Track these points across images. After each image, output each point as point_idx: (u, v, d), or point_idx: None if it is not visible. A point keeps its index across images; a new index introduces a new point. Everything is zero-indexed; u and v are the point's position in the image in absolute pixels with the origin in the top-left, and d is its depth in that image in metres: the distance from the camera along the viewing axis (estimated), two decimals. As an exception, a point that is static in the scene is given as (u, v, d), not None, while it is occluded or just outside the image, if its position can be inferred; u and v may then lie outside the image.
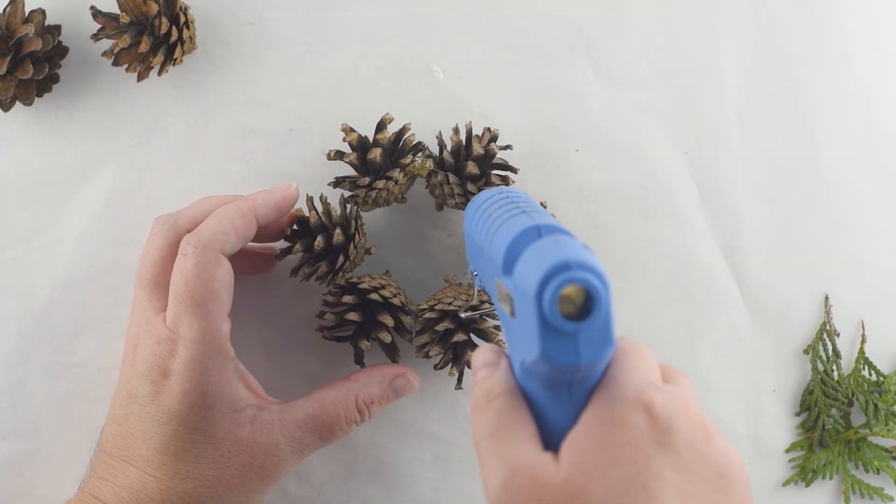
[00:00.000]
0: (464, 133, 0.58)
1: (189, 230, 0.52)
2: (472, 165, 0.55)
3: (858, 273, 0.62)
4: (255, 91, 0.60)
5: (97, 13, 0.56)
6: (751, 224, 0.62)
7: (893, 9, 0.63)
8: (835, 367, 0.62)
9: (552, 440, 0.38)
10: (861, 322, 0.63)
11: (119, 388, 0.52)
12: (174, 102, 0.60)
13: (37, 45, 0.55)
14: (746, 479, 0.39)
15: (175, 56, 0.57)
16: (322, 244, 0.54)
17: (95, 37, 0.56)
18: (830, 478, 0.62)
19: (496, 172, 0.56)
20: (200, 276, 0.49)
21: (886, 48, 0.63)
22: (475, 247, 0.49)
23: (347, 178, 0.56)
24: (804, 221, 0.62)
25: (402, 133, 0.56)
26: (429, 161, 0.56)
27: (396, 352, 0.57)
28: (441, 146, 0.57)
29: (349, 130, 0.56)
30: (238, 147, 0.60)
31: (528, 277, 0.37)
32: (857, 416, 0.63)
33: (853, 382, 0.62)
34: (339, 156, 0.56)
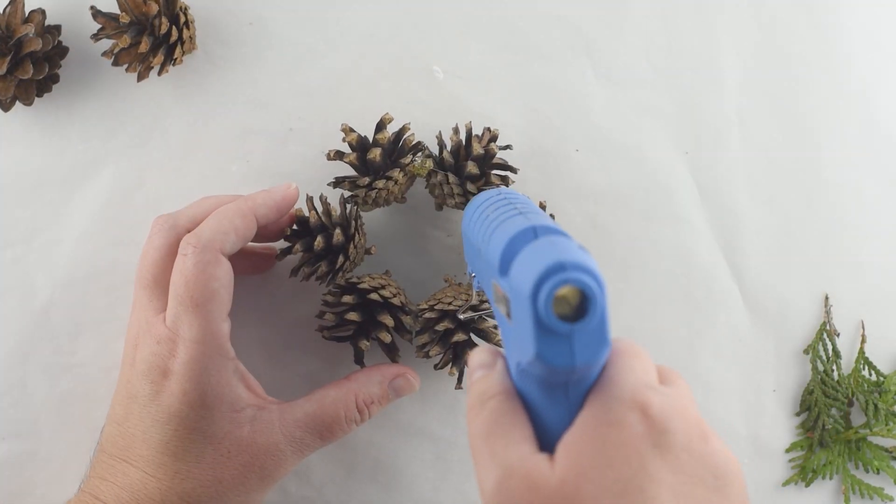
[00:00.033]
0: (464, 133, 0.58)
1: (189, 230, 0.52)
2: (472, 165, 0.55)
3: (858, 273, 0.62)
4: (255, 91, 0.60)
5: (97, 13, 0.56)
6: (751, 224, 0.62)
7: (893, 9, 0.63)
8: (835, 367, 0.62)
9: (548, 441, 0.38)
10: (861, 322, 0.63)
11: (119, 388, 0.52)
12: (174, 102, 0.60)
13: (37, 45, 0.55)
14: (743, 480, 0.38)
15: (175, 56, 0.57)
16: (322, 244, 0.54)
17: (95, 37, 0.56)
18: (830, 478, 0.62)
19: (496, 172, 0.56)
20: (200, 276, 0.49)
21: (886, 48, 0.63)
22: (473, 248, 0.49)
23: (347, 178, 0.56)
24: (804, 221, 0.62)
25: (402, 133, 0.56)
26: (428, 161, 0.56)
27: (396, 352, 0.57)
28: (441, 146, 0.57)
29: (349, 130, 0.56)
30: (238, 147, 0.60)
31: (524, 278, 0.37)
32: (857, 416, 0.63)
33: (853, 382, 0.62)
34: (339, 156, 0.56)
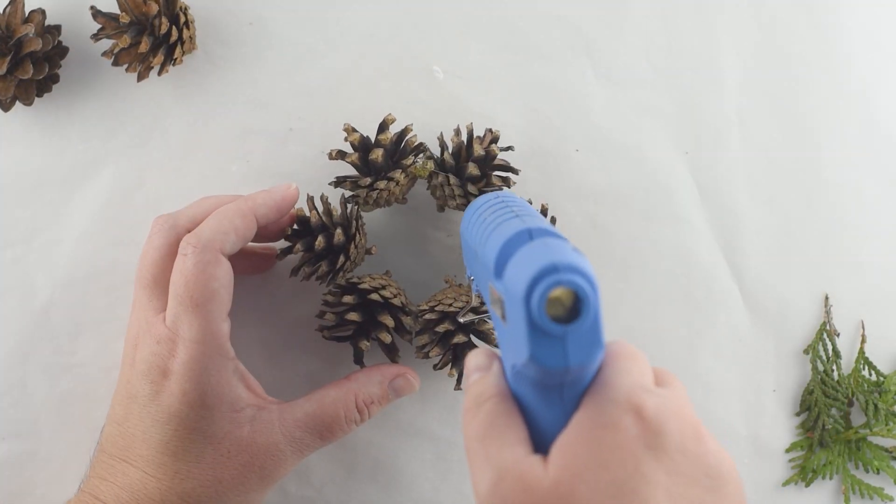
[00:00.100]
0: (465, 134, 0.58)
1: (189, 230, 0.52)
2: (473, 167, 0.55)
3: (858, 273, 0.62)
4: (255, 91, 0.60)
5: (97, 13, 0.56)
6: (751, 224, 0.62)
7: (893, 9, 0.63)
8: (835, 367, 0.62)
9: (544, 443, 0.38)
10: (861, 322, 0.63)
11: (119, 388, 0.52)
12: (174, 102, 0.60)
13: (37, 45, 0.55)
14: (739, 481, 0.38)
15: (175, 56, 0.57)
16: (323, 244, 0.54)
17: (95, 37, 0.56)
18: (830, 478, 0.62)
19: (497, 174, 0.56)
20: (200, 276, 0.49)
21: (886, 48, 0.63)
22: (470, 251, 0.49)
23: (348, 178, 0.56)
24: (804, 221, 0.62)
25: (404, 134, 0.56)
26: (430, 162, 0.56)
27: (396, 352, 0.57)
28: (442, 147, 0.57)
29: (351, 130, 0.56)
30: (238, 147, 0.60)
31: (518, 280, 0.37)
32: (857, 416, 0.63)
33: (853, 382, 0.62)
34: (341, 156, 0.56)
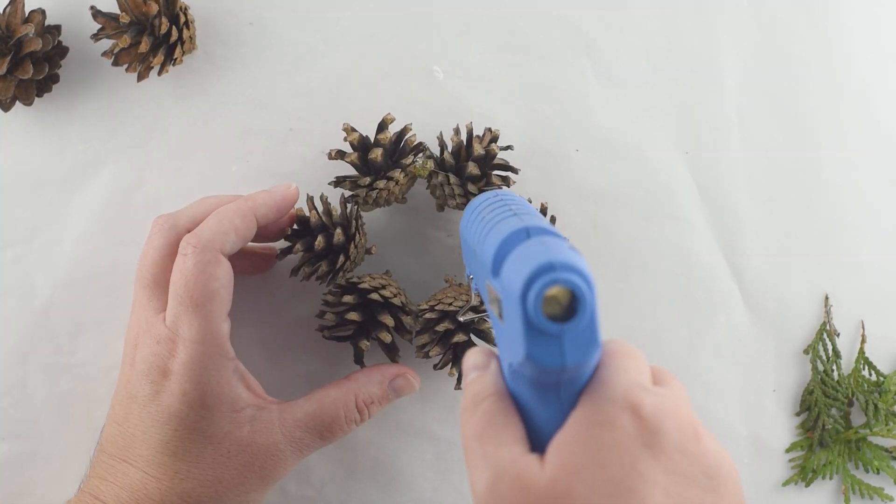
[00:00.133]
0: (464, 134, 0.58)
1: (189, 230, 0.52)
2: (473, 166, 0.55)
3: (858, 273, 0.62)
4: (255, 91, 0.60)
5: (97, 13, 0.56)
6: (751, 224, 0.62)
7: (893, 9, 0.63)
8: (835, 367, 0.62)
9: (541, 442, 0.38)
10: (861, 322, 0.63)
11: (119, 388, 0.52)
12: (174, 102, 0.60)
13: (37, 45, 0.55)
14: (738, 480, 0.38)
15: (175, 56, 0.57)
16: (322, 244, 0.54)
17: (95, 37, 0.56)
18: (830, 478, 0.62)
19: (497, 173, 0.56)
20: (200, 276, 0.49)
21: (886, 48, 0.63)
22: (469, 250, 0.49)
23: (348, 178, 0.56)
24: (804, 221, 0.62)
25: (404, 133, 0.56)
26: (430, 162, 0.56)
27: (396, 352, 0.57)
28: (442, 147, 0.57)
29: (350, 130, 0.56)
30: (238, 147, 0.60)
31: (514, 278, 0.37)
32: (857, 416, 0.63)
33: (853, 382, 0.62)
34: (341, 155, 0.56)
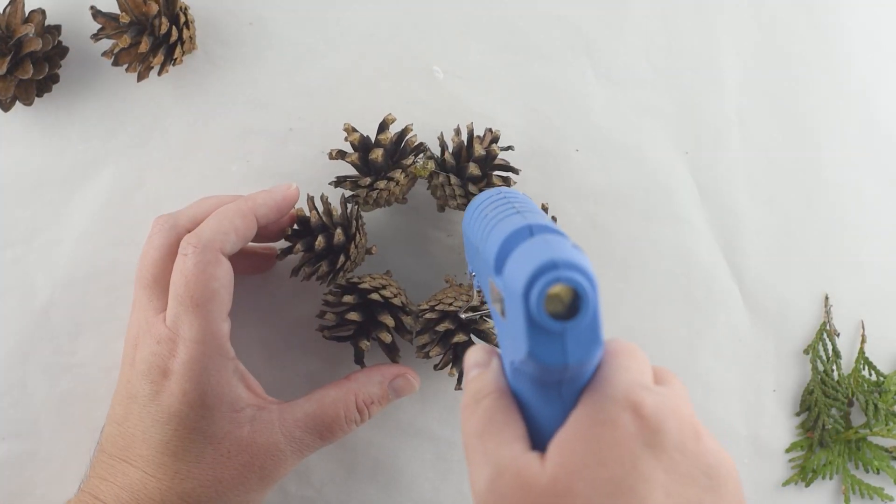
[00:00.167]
0: (465, 134, 0.58)
1: (189, 230, 0.52)
2: (474, 166, 0.55)
3: (858, 273, 0.62)
4: (255, 91, 0.60)
5: (97, 13, 0.56)
6: (751, 224, 0.62)
7: (893, 9, 0.63)
8: (835, 367, 0.62)
9: (542, 440, 0.38)
10: (861, 322, 0.63)
11: (119, 388, 0.52)
12: (174, 102, 0.60)
13: (37, 45, 0.55)
14: (738, 480, 0.38)
15: (175, 56, 0.57)
16: (323, 244, 0.54)
17: (95, 37, 0.56)
18: (830, 478, 0.62)
19: (497, 173, 0.56)
20: (200, 276, 0.49)
21: (886, 48, 0.63)
22: (472, 247, 0.49)
23: (348, 178, 0.56)
24: (804, 221, 0.62)
25: (404, 134, 0.56)
26: (430, 162, 0.56)
27: (396, 352, 0.57)
28: (443, 147, 0.57)
29: (351, 130, 0.56)
30: (238, 147, 0.60)
31: (517, 276, 0.37)
32: (857, 416, 0.63)
33: (853, 382, 0.62)
34: (341, 155, 0.56)
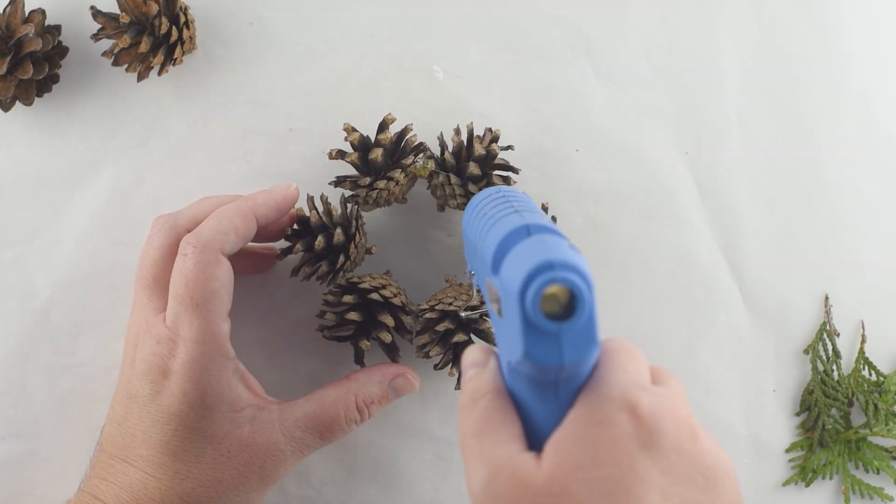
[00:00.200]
0: (465, 134, 0.58)
1: (189, 230, 0.52)
2: (474, 166, 0.55)
3: (858, 273, 0.62)
4: (255, 91, 0.60)
5: (97, 13, 0.56)
6: (751, 224, 0.62)
7: (893, 9, 0.63)
8: (835, 367, 0.62)
9: (539, 441, 0.38)
10: (861, 322, 0.63)
11: (119, 388, 0.52)
12: (174, 102, 0.60)
13: (37, 45, 0.55)
14: (735, 481, 0.38)
15: (175, 56, 0.57)
16: (323, 244, 0.54)
17: (95, 37, 0.56)
18: (830, 478, 0.62)
19: (497, 173, 0.56)
20: (200, 276, 0.49)
21: (886, 48, 0.63)
22: (471, 246, 0.49)
23: (348, 178, 0.56)
24: (804, 221, 0.62)
25: (404, 133, 0.56)
26: (430, 162, 0.56)
27: (396, 352, 0.57)
28: (443, 147, 0.57)
29: (351, 130, 0.56)
30: (238, 147, 0.60)
31: (513, 276, 0.37)
32: (857, 416, 0.63)
33: (853, 382, 0.62)
34: (341, 155, 0.56)
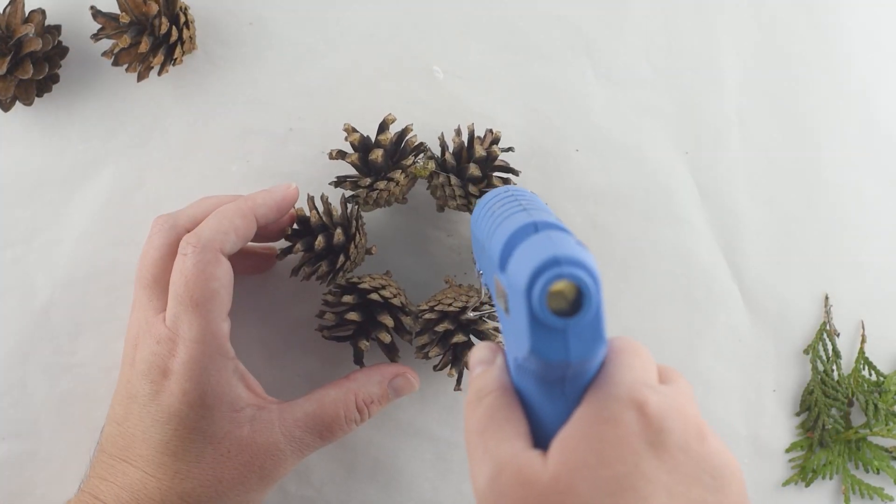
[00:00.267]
0: (466, 135, 0.58)
1: (189, 230, 0.52)
2: (474, 167, 0.55)
3: (858, 273, 0.62)
4: (255, 91, 0.60)
5: (97, 13, 0.56)
6: (751, 224, 0.62)
7: (893, 9, 0.63)
8: (835, 367, 0.62)
9: (545, 438, 0.38)
10: (861, 322, 0.63)
11: (119, 388, 0.52)
12: (174, 102, 0.60)
13: (37, 45, 0.55)
14: (742, 481, 0.38)
15: (175, 56, 0.57)
16: (323, 244, 0.54)
17: (95, 37, 0.56)
18: (830, 478, 0.62)
19: (498, 174, 0.56)
20: (200, 276, 0.49)
21: (886, 48, 0.63)
22: (479, 245, 0.49)
23: (348, 178, 0.56)
24: (804, 221, 0.62)
25: (405, 134, 0.56)
26: (430, 162, 0.56)
27: (396, 352, 0.57)
28: (443, 147, 0.57)
29: (351, 130, 0.56)
30: (238, 147, 0.60)
31: (520, 272, 0.37)
32: (857, 416, 0.63)
33: (853, 382, 0.62)
34: (341, 155, 0.56)
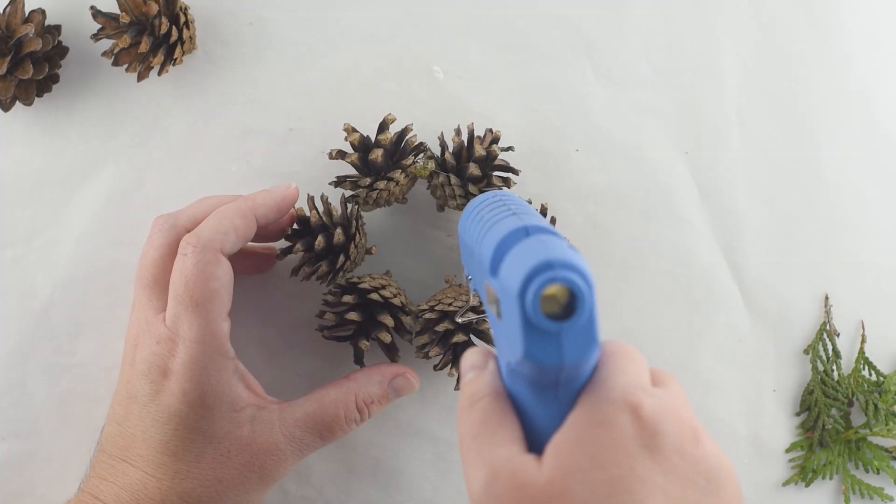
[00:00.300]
0: (465, 134, 0.58)
1: (189, 230, 0.52)
2: (474, 167, 0.55)
3: (858, 273, 0.62)
4: (255, 91, 0.60)
5: (97, 13, 0.56)
6: (751, 224, 0.62)
7: (893, 9, 0.63)
8: (835, 367, 0.62)
9: (539, 443, 0.38)
10: (861, 322, 0.63)
11: (119, 388, 0.52)
12: (174, 102, 0.60)
13: (37, 45, 0.55)
14: (737, 483, 0.38)
15: (175, 56, 0.57)
16: (323, 244, 0.54)
17: (95, 37, 0.56)
18: (830, 478, 0.62)
19: (498, 174, 0.56)
20: (200, 276, 0.49)
21: (886, 48, 0.63)
22: (468, 250, 0.49)
23: (348, 178, 0.56)
24: (804, 221, 0.62)
25: (404, 134, 0.56)
26: (430, 162, 0.56)
27: (396, 352, 0.57)
28: (443, 147, 0.57)
29: (351, 130, 0.56)
30: (238, 147, 0.60)
31: (512, 277, 0.37)
32: (857, 416, 0.63)
33: (853, 382, 0.62)
34: (341, 155, 0.56)
